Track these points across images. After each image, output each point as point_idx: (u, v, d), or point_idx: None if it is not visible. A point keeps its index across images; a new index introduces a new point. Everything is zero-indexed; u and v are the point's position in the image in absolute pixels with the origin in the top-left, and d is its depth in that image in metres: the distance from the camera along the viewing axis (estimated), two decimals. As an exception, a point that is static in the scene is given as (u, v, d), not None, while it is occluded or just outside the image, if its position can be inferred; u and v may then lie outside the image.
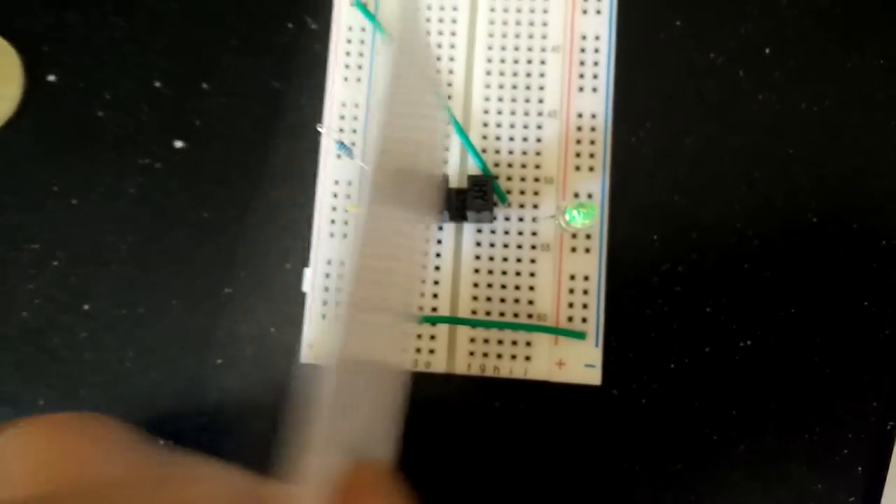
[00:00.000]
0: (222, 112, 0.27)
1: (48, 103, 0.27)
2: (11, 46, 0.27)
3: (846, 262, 0.25)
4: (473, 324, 0.23)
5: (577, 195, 0.24)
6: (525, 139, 0.25)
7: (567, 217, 0.22)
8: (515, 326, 0.23)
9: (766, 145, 0.26)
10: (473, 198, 0.22)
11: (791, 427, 0.24)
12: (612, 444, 0.24)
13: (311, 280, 0.24)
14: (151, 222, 0.26)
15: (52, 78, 0.27)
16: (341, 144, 0.23)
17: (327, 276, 0.24)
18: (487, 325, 0.23)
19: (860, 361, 0.25)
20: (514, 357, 0.24)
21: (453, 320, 0.23)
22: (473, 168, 0.25)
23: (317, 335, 0.24)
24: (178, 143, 0.27)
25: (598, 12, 0.25)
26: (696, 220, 0.25)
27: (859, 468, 0.24)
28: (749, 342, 0.25)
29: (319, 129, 0.24)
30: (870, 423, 0.24)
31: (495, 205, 0.24)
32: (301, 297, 0.25)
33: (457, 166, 0.25)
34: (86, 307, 0.26)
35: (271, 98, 0.27)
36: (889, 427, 0.24)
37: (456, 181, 0.25)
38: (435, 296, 0.24)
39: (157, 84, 0.27)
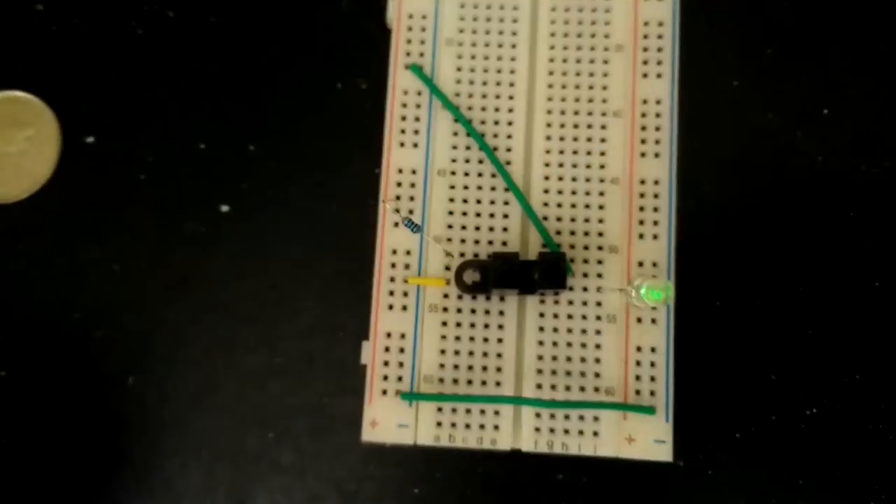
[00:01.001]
0: (270, 175, 0.26)
1: (86, 166, 0.26)
2: (48, 107, 0.26)
3: (910, 326, 0.25)
4: (539, 404, 0.23)
5: (641, 264, 0.24)
6: (587, 206, 0.24)
7: (641, 294, 0.22)
8: (582, 405, 0.23)
9: (825, 208, 0.25)
10: (546, 277, 0.22)
11: (858, 495, 0.24)
12: (681, 519, 0.24)
13: (372, 354, 0.24)
14: (197, 290, 0.25)
15: (90, 140, 0.26)
16: (409, 221, 0.22)
17: (387, 349, 0.24)
18: (553, 405, 0.23)
19: (927, 428, 0.24)
20: (581, 433, 0.23)
21: (518, 400, 0.23)
22: (535, 237, 0.24)
23: (379, 412, 0.23)
24: (224, 208, 0.26)
25: (659, 76, 0.25)
26: (759, 285, 0.25)
27: (929, 538, 0.24)
28: (815, 409, 0.24)
29: (384, 202, 0.23)
30: (937, 491, 0.24)
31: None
32: (355, 368, 0.24)
33: (517, 234, 0.24)
34: (130, 380, 0.25)
35: (320, 161, 0.26)
36: (957, 495, 0.24)
37: (517, 248, 0.24)
38: (499, 369, 0.23)
39: (202, 146, 0.26)
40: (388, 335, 0.24)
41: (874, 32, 0.26)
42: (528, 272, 0.22)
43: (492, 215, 0.24)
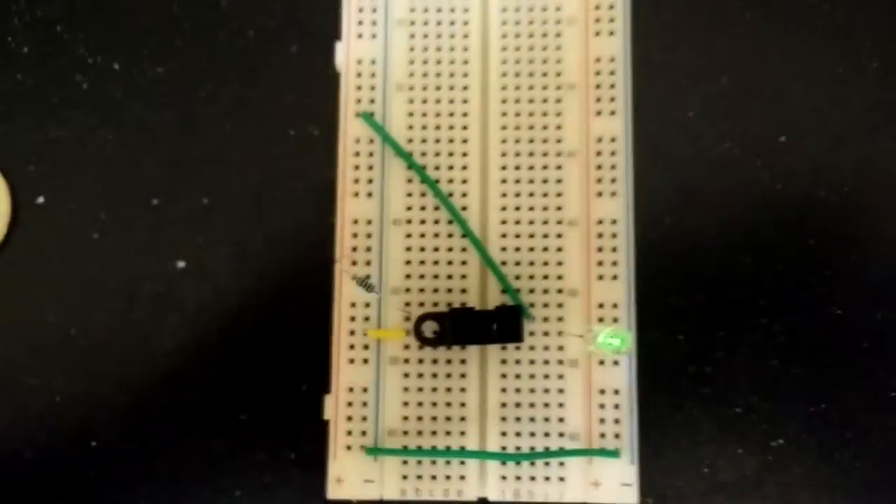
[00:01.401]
0: (226, 229, 0.26)
1: (39, 227, 0.26)
2: (-4, 169, 0.26)
3: (872, 353, 0.25)
4: (502, 458, 0.23)
5: (601, 306, 0.24)
6: (546, 249, 0.24)
7: (600, 343, 0.21)
8: (546, 455, 0.23)
9: (788, 238, 0.25)
10: (503, 330, 0.21)
11: (827, 525, 0.24)
12: (651, 558, 0.24)
13: (334, 408, 0.24)
14: (157, 349, 0.25)
15: (41, 200, 0.26)
16: (363, 282, 0.22)
17: (350, 404, 0.24)
18: (518, 457, 0.23)
19: (893, 455, 0.24)
20: (547, 479, 0.23)
21: (482, 455, 0.23)
22: (494, 283, 0.24)
23: (344, 468, 0.23)
24: (181, 264, 0.25)
25: (613, 113, 0.24)
26: (722, 318, 0.25)
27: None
28: (781, 441, 0.24)
29: (337, 261, 0.23)
30: (908, 518, 0.24)
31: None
32: (320, 422, 0.24)
33: (477, 280, 0.24)
34: (93, 444, 0.25)
35: (276, 211, 0.25)
36: (926, 520, 0.24)
37: (477, 297, 0.24)
38: (462, 419, 0.23)
39: (155, 202, 0.26)
40: (350, 389, 0.24)
41: (829, 57, 0.26)
42: (485, 325, 0.22)
43: (450, 263, 0.24)
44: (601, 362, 0.24)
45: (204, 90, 0.26)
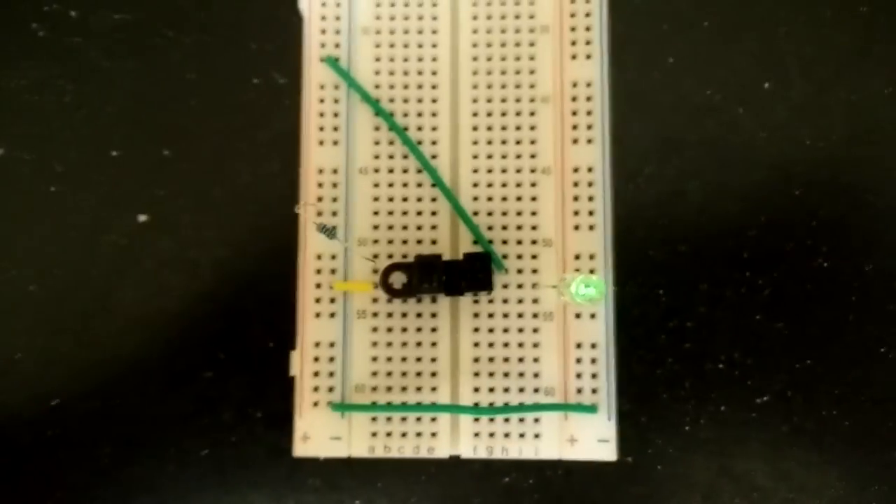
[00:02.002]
0: (188, 180, 0.25)
1: (-2, 180, 0.25)
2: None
3: (860, 307, 0.24)
4: (475, 412, 0.22)
5: (577, 257, 0.23)
6: (519, 199, 0.23)
7: (573, 293, 0.20)
8: (521, 409, 0.22)
9: (771, 187, 0.24)
10: (471, 278, 0.21)
11: (815, 485, 0.23)
12: (630, 517, 0.23)
13: (300, 364, 0.23)
14: (119, 305, 0.24)
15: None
16: (324, 228, 0.21)
17: (316, 359, 0.23)
18: (490, 412, 0.22)
19: (883, 412, 0.23)
20: (522, 436, 0.22)
21: (455, 409, 0.22)
22: (465, 234, 0.23)
23: (310, 425, 0.22)
24: (142, 217, 0.24)
25: (589, 57, 0.23)
26: (704, 271, 0.24)
27: (887, 524, 0.23)
28: (766, 398, 0.24)
29: (298, 210, 0.22)
30: (894, 475, 0.23)
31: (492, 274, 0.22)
32: (287, 379, 0.23)
33: (447, 231, 0.23)
34: (54, 402, 0.24)
35: (240, 164, 0.25)
36: (915, 478, 0.23)
37: (447, 247, 0.23)
38: (434, 374, 0.22)
39: (114, 153, 0.25)
40: (317, 344, 0.23)
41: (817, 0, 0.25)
42: (454, 274, 0.21)
43: (419, 213, 0.23)
44: (577, 315, 0.23)
45: (163, 37, 0.25)
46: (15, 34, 0.25)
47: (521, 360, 0.22)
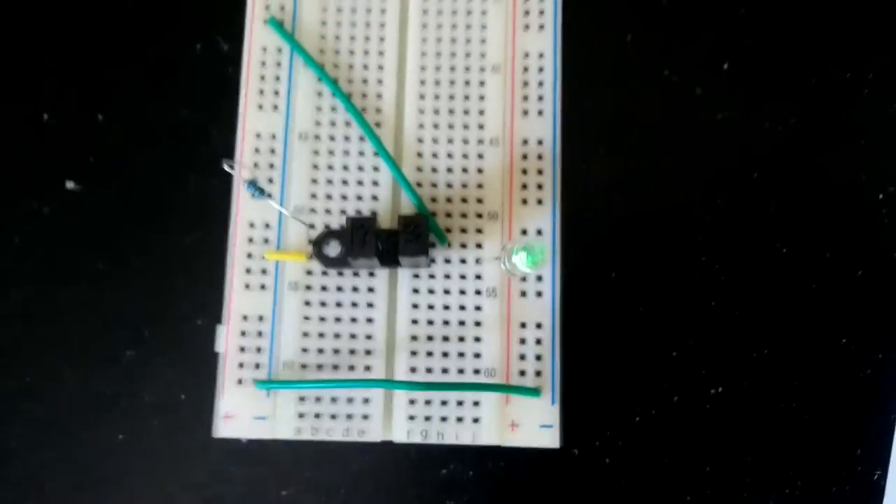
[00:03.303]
0: (121, 147, 0.23)
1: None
2: None
3: (820, 295, 0.23)
4: (411, 387, 0.20)
5: (525, 232, 0.22)
6: (465, 170, 0.22)
7: (514, 260, 0.19)
8: (459, 387, 0.20)
9: (728, 169, 0.23)
10: (406, 241, 0.19)
11: (770, 481, 0.22)
12: (575, 512, 0.22)
13: (226, 339, 0.21)
14: (39, 276, 0.23)
15: (-77, 114, 0.23)
16: (251, 185, 0.20)
17: (243, 334, 0.21)
18: (427, 387, 0.20)
19: (841, 405, 0.22)
20: (460, 420, 0.21)
21: (388, 384, 0.20)
22: (407, 205, 0.22)
23: (233, 404, 0.21)
24: (70, 185, 0.23)
25: (542, 27, 0.23)
26: (657, 255, 0.23)
27: (846, 524, 0.22)
28: (720, 388, 0.22)
29: (227, 167, 0.21)
30: (855, 473, 0.22)
31: (433, 246, 0.21)
32: (215, 357, 0.22)
33: (388, 203, 0.22)
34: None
35: (178, 130, 0.23)
36: (876, 477, 0.22)
37: (388, 221, 0.22)
38: (368, 352, 0.21)
39: (45, 116, 0.23)
40: (245, 318, 0.21)
41: (777, -19, 0.24)
42: (389, 242, 0.20)
43: (360, 183, 0.22)
44: (522, 293, 0.21)
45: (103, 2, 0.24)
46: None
47: (461, 338, 0.21)
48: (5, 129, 0.23)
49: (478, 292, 0.21)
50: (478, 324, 0.21)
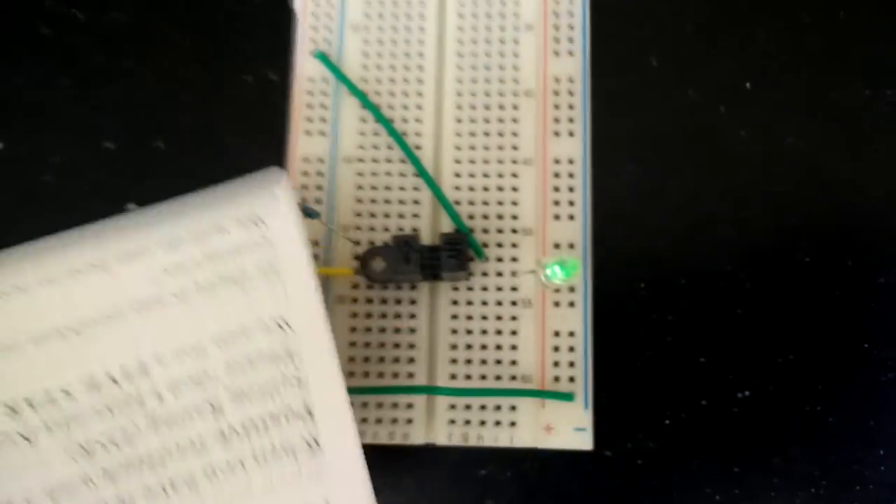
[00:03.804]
0: (178, 173, 0.25)
1: (-2, 172, 0.25)
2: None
3: (843, 302, 0.24)
4: (452, 393, 0.22)
5: (557, 246, 0.23)
6: (500, 189, 0.23)
7: (548, 273, 0.21)
8: (497, 393, 0.22)
9: (751, 184, 0.24)
10: (448, 257, 0.21)
11: (796, 482, 0.23)
12: (609, 511, 0.23)
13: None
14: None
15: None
16: (304, 207, 0.22)
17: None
18: (467, 393, 0.22)
19: (864, 407, 0.23)
20: (498, 423, 0.22)
21: (431, 390, 0.22)
22: (447, 222, 0.23)
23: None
24: (132, 207, 0.25)
25: (571, 54, 0.24)
26: (684, 266, 0.24)
27: (871, 523, 0.23)
28: (747, 392, 0.23)
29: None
30: (879, 473, 0.23)
31: (471, 260, 0.23)
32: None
33: (429, 220, 0.23)
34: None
35: (231, 156, 0.25)
36: (899, 477, 0.23)
37: (429, 237, 0.23)
38: (411, 360, 0.23)
39: (108, 145, 0.25)
40: (297, 328, 0.23)
41: (798, 3, 0.25)
42: (430, 257, 0.21)
43: (402, 202, 0.23)
44: (556, 304, 0.23)
45: (162, 39, 0.26)
46: (19, 34, 0.26)
47: (498, 347, 0.23)
48: (72, 159, 0.25)
49: (514, 303, 0.23)
50: (514, 333, 0.23)
